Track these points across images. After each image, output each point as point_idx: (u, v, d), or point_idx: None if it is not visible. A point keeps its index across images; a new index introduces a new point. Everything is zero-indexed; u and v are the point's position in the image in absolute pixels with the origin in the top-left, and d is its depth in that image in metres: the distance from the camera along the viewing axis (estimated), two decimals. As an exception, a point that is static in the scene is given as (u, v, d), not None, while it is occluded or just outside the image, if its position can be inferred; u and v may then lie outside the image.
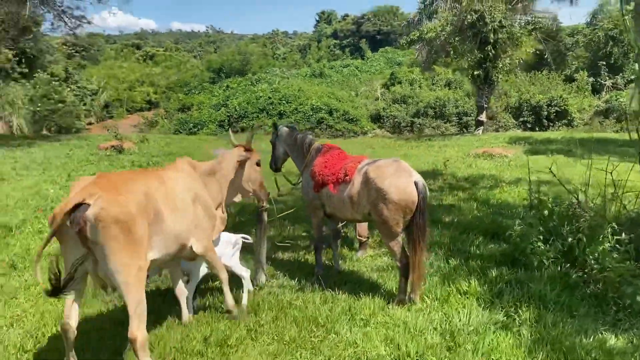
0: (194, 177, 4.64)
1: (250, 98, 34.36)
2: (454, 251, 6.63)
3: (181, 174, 4.53)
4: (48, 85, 32.45)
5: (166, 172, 4.48)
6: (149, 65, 56.29)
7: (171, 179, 4.36)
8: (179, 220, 4.16)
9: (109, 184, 3.72)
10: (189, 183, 4.48)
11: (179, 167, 4.63)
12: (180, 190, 4.33)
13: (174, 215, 4.12)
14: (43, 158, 13.47)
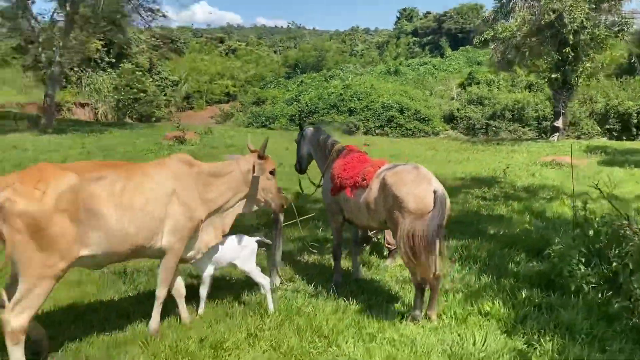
0: (181, 174, 4.42)
1: (321, 94, 34.47)
2: (489, 266, 6.20)
3: (164, 170, 4.35)
4: (132, 75, 34.09)
5: (145, 167, 4.36)
6: (230, 59, 57.86)
7: (145, 174, 4.21)
8: (132, 219, 3.96)
9: (35, 175, 3.61)
10: (168, 180, 4.29)
11: (167, 162, 4.48)
12: (151, 188, 4.14)
13: (126, 213, 3.93)
14: (109, 145, 14.10)
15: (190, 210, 4.38)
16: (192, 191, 4.44)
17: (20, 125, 17.75)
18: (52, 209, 3.51)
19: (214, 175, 4.63)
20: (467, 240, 7.10)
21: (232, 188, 4.70)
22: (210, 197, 4.57)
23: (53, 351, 4.04)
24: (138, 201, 4.03)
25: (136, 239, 4.02)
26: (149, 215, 4.09)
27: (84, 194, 3.73)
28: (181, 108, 43.55)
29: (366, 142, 19.16)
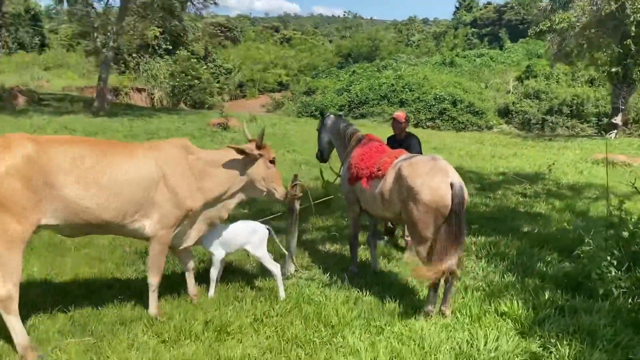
0: (173, 160, 4.31)
1: (373, 84, 34.10)
2: (516, 265, 5.94)
3: (154, 153, 4.26)
4: (187, 62, 34.80)
5: (134, 148, 4.31)
6: (284, 48, 58.19)
7: (130, 155, 4.16)
8: (94, 196, 3.90)
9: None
10: (155, 164, 4.20)
11: (161, 146, 4.40)
12: (127, 169, 4.07)
13: (89, 189, 3.88)
14: (154, 129, 14.47)
15: (179, 197, 4.28)
16: (185, 178, 4.34)
17: (75, 108, 18.48)
18: (2, 175, 3.58)
19: (212, 163, 4.54)
20: (497, 237, 6.85)
21: (230, 177, 4.60)
22: (207, 185, 4.48)
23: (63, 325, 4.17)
24: (106, 179, 3.97)
25: (98, 216, 3.97)
26: (118, 195, 4.02)
27: (40, 164, 3.73)
28: (234, 96, 44.17)
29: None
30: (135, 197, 4.10)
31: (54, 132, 12.59)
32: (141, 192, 4.12)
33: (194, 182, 4.39)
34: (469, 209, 8.28)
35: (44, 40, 48.37)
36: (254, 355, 3.90)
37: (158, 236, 4.29)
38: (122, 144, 4.48)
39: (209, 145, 12.84)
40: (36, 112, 16.49)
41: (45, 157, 3.78)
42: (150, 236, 4.29)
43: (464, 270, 5.90)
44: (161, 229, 4.27)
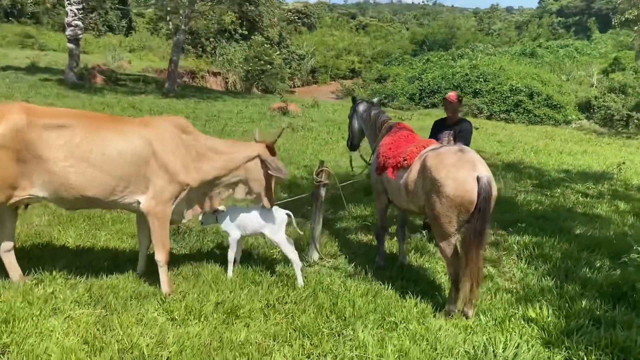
0: (165, 137, 4.28)
1: (446, 73, 33.12)
2: (558, 269, 5.55)
3: (144, 130, 4.25)
4: (261, 47, 35.34)
5: (126, 124, 4.33)
6: (359, 35, 57.74)
7: (120, 132, 4.18)
8: (82, 172, 4.00)
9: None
10: (145, 141, 4.20)
11: (153, 123, 4.38)
12: (116, 145, 4.11)
13: (76, 165, 3.98)
14: (216, 111, 14.78)
15: (172, 173, 4.28)
16: (178, 155, 4.32)
17: (149, 89, 19.22)
18: None
19: (212, 149, 4.53)
20: (543, 238, 6.42)
21: (228, 168, 4.58)
22: (204, 168, 4.47)
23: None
24: (94, 156, 4.03)
25: (86, 192, 4.06)
26: (105, 172, 4.08)
27: (29, 137, 3.86)
28: (306, 82, 44.45)
29: (477, 125, 18.08)
30: (124, 173, 4.15)
31: (122, 110, 13.14)
32: (130, 169, 4.16)
33: (189, 160, 4.38)
34: (519, 206, 7.86)
35: (130, 24, 50.62)
36: (256, 341, 3.85)
37: (154, 212, 4.31)
38: (116, 120, 4.52)
39: (266, 129, 12.96)
40: (111, 91, 17.27)
41: (36, 130, 3.90)
42: (146, 212, 4.32)
43: (500, 271, 5.61)
44: (157, 205, 4.30)
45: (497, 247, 6.23)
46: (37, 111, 4.07)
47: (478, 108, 28.66)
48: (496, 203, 7.68)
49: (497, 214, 7.36)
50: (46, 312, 3.94)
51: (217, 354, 3.64)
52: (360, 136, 5.93)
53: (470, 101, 29.12)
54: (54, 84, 16.70)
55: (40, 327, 3.74)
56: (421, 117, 20.32)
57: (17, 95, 13.96)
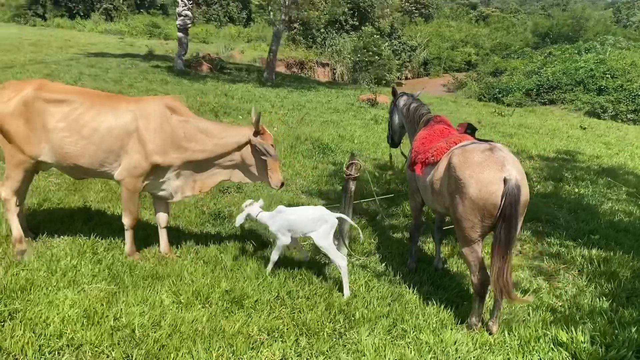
0: (153, 115, 4.46)
1: (568, 68, 30.51)
2: (622, 290, 4.86)
3: (134, 107, 4.48)
4: (370, 38, 35.05)
5: (121, 101, 4.56)
6: (478, 26, 55.16)
7: (113, 108, 4.44)
8: (75, 143, 4.38)
9: (17, 86, 4.46)
10: (132, 117, 4.43)
11: (145, 101, 4.59)
12: (107, 120, 4.39)
13: (72, 137, 4.36)
14: (304, 101, 14.86)
15: (147, 150, 4.44)
16: (161, 134, 4.47)
17: (250, 77, 19.83)
18: (10, 113, 4.34)
19: (203, 131, 4.62)
20: (616, 253, 5.67)
21: (217, 151, 4.66)
22: (191, 147, 4.57)
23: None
24: (87, 130, 4.38)
25: (78, 161, 4.45)
26: (95, 145, 4.40)
27: (35, 108, 4.34)
28: (417, 74, 43.38)
29: (583, 124, 16.54)
30: (112, 147, 4.45)
31: (214, 97, 13.64)
32: (117, 143, 4.45)
33: (172, 139, 4.51)
34: (600, 215, 7.02)
35: (250, 15, 52.68)
36: (248, 333, 3.77)
37: (124, 182, 4.57)
38: (113, 98, 4.72)
39: (349, 120, 12.81)
40: (214, 79, 18.04)
41: (41, 103, 4.38)
42: (118, 180, 4.60)
43: (552, 286, 5.03)
44: (127, 176, 4.53)
45: (558, 260, 5.60)
46: (48, 87, 4.52)
47: (602, 107, 26.16)
48: (573, 210, 7.05)
49: (572, 222, 6.66)
50: (63, 284, 4.14)
51: (204, 341, 3.61)
52: (401, 132, 5.59)
53: (594, 99, 26.71)
54: (162, 71, 17.78)
55: (52, 297, 3.94)
56: (525, 114, 18.93)
57: (126, 79, 15.07)
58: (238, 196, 6.80)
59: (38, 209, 5.68)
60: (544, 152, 11.17)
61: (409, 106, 5.24)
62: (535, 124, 15.60)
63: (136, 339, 3.57)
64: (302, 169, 8.11)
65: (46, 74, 14.23)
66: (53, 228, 5.20)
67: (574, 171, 9.40)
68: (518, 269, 5.40)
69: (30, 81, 4.57)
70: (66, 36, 29.15)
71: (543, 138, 13.20)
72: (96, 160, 4.47)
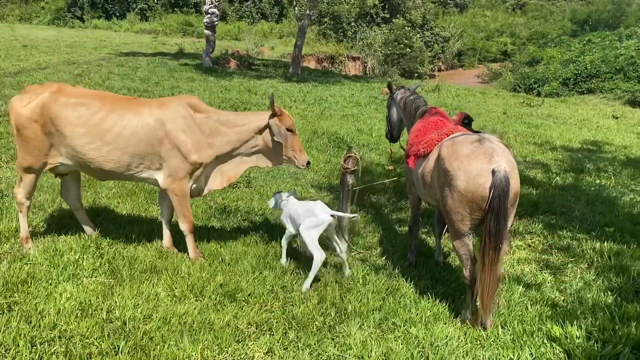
0: (177, 117, 4.49)
1: (607, 55, 29.44)
2: (632, 284, 4.69)
3: (158, 111, 4.49)
4: (401, 30, 34.70)
5: (143, 105, 4.56)
6: (515, 15, 53.75)
7: (136, 113, 4.45)
8: (98, 149, 4.41)
9: (37, 89, 4.51)
10: (158, 122, 4.45)
11: (167, 104, 4.58)
12: (130, 125, 4.42)
13: (94, 142, 4.39)
14: (327, 95, 14.85)
15: (184, 152, 4.50)
16: (189, 134, 4.51)
17: (278, 73, 19.93)
18: (28, 117, 4.40)
19: (225, 123, 4.67)
20: (625, 246, 5.47)
21: (242, 139, 4.71)
22: (217, 142, 4.64)
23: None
24: (109, 135, 4.40)
25: (101, 166, 4.50)
26: (120, 149, 4.43)
27: (52, 113, 4.39)
28: (451, 65, 42.68)
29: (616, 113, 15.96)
30: (139, 151, 4.48)
31: (238, 93, 13.78)
32: (143, 147, 4.47)
33: (202, 137, 4.57)
34: (619, 207, 6.78)
35: (282, 11, 52.84)
36: (237, 326, 3.82)
37: (171, 188, 4.63)
38: (133, 101, 4.72)
39: (370, 113, 12.74)
40: (240, 75, 18.20)
41: (58, 108, 4.41)
42: (165, 189, 4.66)
43: (557, 279, 4.90)
44: (172, 182, 4.60)
45: (567, 253, 5.45)
46: (65, 90, 4.53)
47: (644, 95, 25.17)
48: (591, 202, 6.83)
49: (588, 215, 6.46)
50: (63, 277, 4.28)
51: (191, 333, 3.68)
52: (400, 126, 5.52)
53: (635, 87, 25.74)
54: (190, 69, 18.04)
55: (51, 290, 4.08)
56: (556, 104, 18.38)
57: (153, 78, 15.35)
58: (247, 191, 6.87)
59: (51, 205, 5.86)
60: (569, 143, 10.84)
61: (406, 100, 5.18)
62: (565, 114, 15.14)
63: (126, 331, 3.66)
64: (315, 163, 8.10)
65: (77, 74, 14.64)
66: (62, 223, 5.38)
67: (598, 162, 9.10)
68: (525, 263, 5.30)
69: (49, 84, 4.61)
70: (102, 37, 29.88)
71: (571, 128, 12.80)
72: (121, 165, 4.51)
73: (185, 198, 4.70)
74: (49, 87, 4.54)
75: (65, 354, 3.37)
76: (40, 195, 6.00)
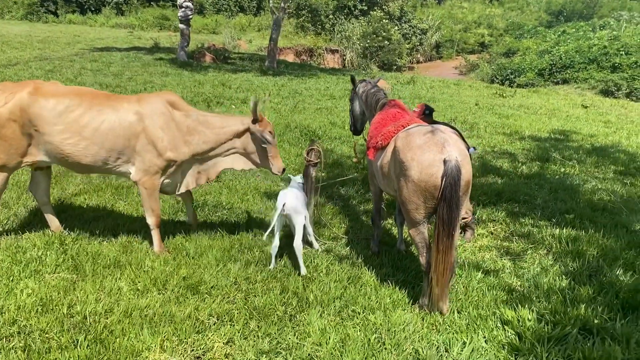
0: (155, 113, 4.54)
1: (581, 46, 29.92)
2: (587, 269, 4.85)
3: (136, 107, 4.54)
4: (379, 23, 34.77)
5: (121, 101, 4.61)
6: (492, 6, 54.15)
7: (114, 108, 4.50)
8: (76, 144, 4.44)
9: (12, 88, 4.48)
10: (136, 117, 4.51)
11: (145, 100, 4.62)
12: (108, 120, 4.46)
13: (72, 137, 4.42)
14: (303, 88, 14.88)
15: (159, 148, 4.56)
16: (166, 130, 4.57)
17: (254, 66, 19.88)
18: (6, 116, 4.37)
19: (204, 123, 4.72)
20: (583, 232, 5.63)
21: (219, 140, 4.77)
22: (194, 140, 4.68)
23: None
24: (88, 130, 4.45)
25: (79, 161, 4.53)
26: (98, 145, 4.48)
27: (31, 112, 4.38)
28: (429, 57, 42.91)
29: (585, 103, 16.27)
30: (116, 146, 4.53)
31: (211, 87, 13.75)
32: (122, 142, 4.52)
33: (178, 134, 4.62)
34: (580, 195, 6.96)
35: (260, 4, 52.55)
36: (197, 317, 3.87)
37: (141, 182, 4.68)
38: (112, 97, 4.73)
39: (344, 106, 12.80)
40: (216, 69, 18.13)
41: (37, 107, 4.41)
42: (135, 181, 4.71)
43: (516, 265, 5.03)
44: (144, 176, 4.65)
45: (527, 240, 5.59)
46: (43, 89, 4.53)
47: (616, 85, 25.60)
48: (554, 190, 7.00)
49: (551, 202, 6.62)
50: (25, 274, 4.29)
51: (151, 326, 3.72)
52: (362, 119, 5.59)
53: (608, 77, 26.18)
54: (165, 63, 17.93)
55: (13, 286, 4.09)
56: (528, 94, 18.65)
57: (127, 73, 15.24)
58: (216, 185, 6.89)
59: (16, 203, 5.84)
60: (537, 133, 11.04)
61: (367, 92, 5.25)
62: (536, 104, 15.39)
63: (87, 325, 3.69)
64: (286, 157, 8.15)
65: (48, 70, 14.48)
66: (26, 220, 5.37)
67: (564, 151, 9.29)
68: (485, 250, 5.42)
69: (24, 83, 4.59)
70: (76, 32, 29.48)
71: (541, 118, 13.03)
72: (99, 159, 4.57)
73: (155, 193, 4.75)
74: (25, 86, 4.50)
75: (24, 349, 3.40)
76: (5, 193, 5.95)
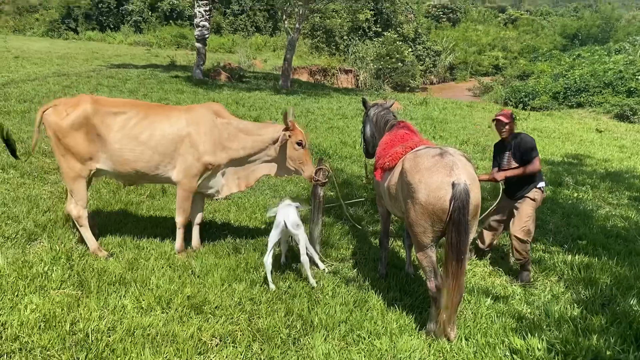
0: (201, 120, 4.94)
1: (596, 70, 29.84)
2: (600, 297, 4.73)
3: (185, 115, 4.97)
4: (392, 44, 34.96)
5: (173, 110, 5.06)
6: (507, 29, 54.38)
7: (166, 116, 4.93)
8: (133, 149, 4.83)
9: (71, 102, 4.84)
10: (184, 123, 4.92)
11: (193, 109, 5.07)
12: (161, 127, 4.88)
13: (129, 143, 4.82)
14: (314, 107, 14.92)
15: (200, 152, 4.92)
16: (210, 136, 4.95)
17: (268, 85, 20.04)
18: (68, 127, 4.74)
19: (243, 131, 5.10)
20: (596, 259, 5.52)
21: (256, 147, 5.12)
22: (233, 146, 5.06)
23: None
24: (144, 136, 4.85)
25: (136, 166, 4.90)
26: (151, 149, 4.87)
27: (95, 121, 4.79)
28: (443, 79, 43.04)
29: (600, 127, 16.11)
30: (166, 150, 4.93)
31: (226, 105, 13.80)
32: (171, 146, 4.93)
33: (218, 141, 5.00)
34: (593, 220, 6.84)
35: (276, 24, 53.20)
36: (200, 338, 3.82)
37: (181, 183, 5.03)
38: (164, 107, 5.24)
39: (355, 125, 12.81)
40: (230, 88, 18.28)
41: (99, 116, 4.84)
42: (175, 182, 5.06)
43: (527, 292, 4.93)
44: (184, 177, 5.00)
45: (539, 266, 5.48)
46: (102, 101, 4.97)
47: (631, 109, 25.39)
48: (566, 215, 6.89)
49: (563, 228, 6.51)
50: (30, 289, 4.28)
51: (153, 346, 3.68)
52: (374, 142, 5.55)
53: (623, 101, 25.99)
54: (180, 81, 18.11)
55: (17, 301, 4.08)
56: (542, 117, 18.54)
57: (142, 90, 15.40)
58: (225, 203, 6.88)
59: (25, 217, 5.86)
60: (550, 157, 10.93)
61: (377, 115, 5.24)
62: (550, 128, 15.28)
63: (88, 342, 3.66)
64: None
65: (65, 86, 14.68)
66: (35, 235, 5.38)
67: (577, 175, 9.17)
68: (496, 275, 5.33)
69: (79, 97, 4.96)
70: (94, 48, 29.97)
71: (554, 142, 12.91)
72: (152, 163, 4.93)
73: (191, 195, 5.11)
74: (85, 99, 4.90)
75: (25, 366, 3.37)
76: (15, 207, 5.99)
